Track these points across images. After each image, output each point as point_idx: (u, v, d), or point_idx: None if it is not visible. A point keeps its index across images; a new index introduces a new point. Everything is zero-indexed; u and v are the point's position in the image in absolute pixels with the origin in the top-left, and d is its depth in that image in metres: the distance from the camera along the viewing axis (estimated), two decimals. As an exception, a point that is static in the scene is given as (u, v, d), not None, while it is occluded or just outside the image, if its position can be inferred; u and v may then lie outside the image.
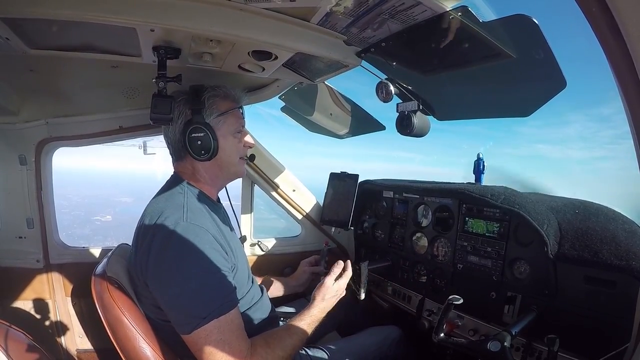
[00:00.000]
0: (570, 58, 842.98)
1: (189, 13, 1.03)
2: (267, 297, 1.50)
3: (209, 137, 1.26)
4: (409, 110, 1.36)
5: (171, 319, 1.11)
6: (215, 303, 1.08)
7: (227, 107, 1.33)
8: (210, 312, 1.06)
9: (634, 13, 0.52)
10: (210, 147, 1.26)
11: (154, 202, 1.27)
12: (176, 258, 1.10)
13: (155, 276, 1.12)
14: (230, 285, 1.15)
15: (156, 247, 1.12)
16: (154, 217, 1.17)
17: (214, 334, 1.05)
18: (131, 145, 1.94)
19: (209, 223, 1.19)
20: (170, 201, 1.23)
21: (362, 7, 0.99)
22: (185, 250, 1.10)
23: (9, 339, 1.02)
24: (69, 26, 1.04)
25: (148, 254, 1.13)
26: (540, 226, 1.24)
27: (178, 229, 1.11)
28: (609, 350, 1.01)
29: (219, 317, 1.06)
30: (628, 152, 0.66)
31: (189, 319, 1.06)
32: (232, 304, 1.12)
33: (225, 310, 1.08)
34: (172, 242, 1.10)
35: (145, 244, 1.14)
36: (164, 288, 1.11)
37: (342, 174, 2.17)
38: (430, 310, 1.68)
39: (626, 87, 0.60)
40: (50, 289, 1.83)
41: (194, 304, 1.07)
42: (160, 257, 1.11)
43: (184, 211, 1.17)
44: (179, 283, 1.08)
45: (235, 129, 1.35)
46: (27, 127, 1.72)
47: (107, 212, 24.62)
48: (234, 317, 1.11)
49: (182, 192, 1.26)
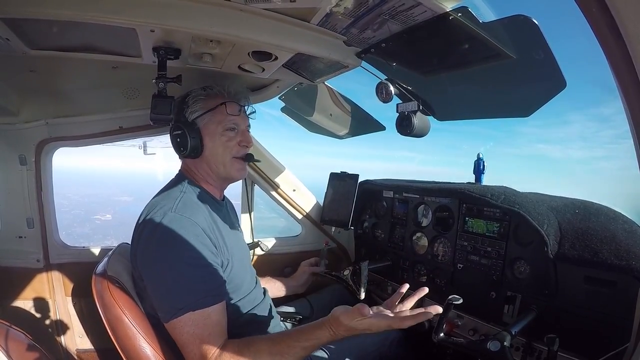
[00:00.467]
0: (571, 58, 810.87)
1: (189, 13, 1.03)
2: (270, 299, 1.50)
3: (185, 135, 1.27)
4: (409, 110, 1.36)
5: (156, 307, 1.14)
6: (193, 296, 1.08)
7: (213, 104, 1.32)
8: (186, 304, 1.06)
9: (634, 13, 0.52)
10: (188, 145, 1.27)
11: (154, 199, 1.28)
12: (160, 247, 1.13)
13: (142, 264, 1.16)
14: (215, 281, 1.15)
15: (144, 237, 1.16)
16: (149, 212, 1.20)
17: (187, 326, 1.06)
18: (131, 146, 1.95)
19: (200, 217, 1.20)
20: (167, 196, 1.25)
21: (362, 7, 0.99)
22: (169, 240, 1.12)
23: (8, 339, 1.02)
24: (69, 27, 1.05)
25: (137, 244, 1.17)
26: (540, 226, 1.24)
27: (165, 220, 1.14)
28: (609, 350, 1.01)
29: (194, 310, 1.06)
30: (628, 151, 0.66)
31: (167, 307, 1.09)
32: (213, 299, 1.11)
33: (203, 305, 1.08)
34: (157, 232, 1.13)
35: (137, 236, 1.19)
36: (148, 276, 1.14)
37: (342, 173, 2.18)
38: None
39: (626, 87, 0.60)
40: (50, 289, 1.83)
41: (172, 294, 1.09)
42: (146, 245, 1.15)
43: (175, 203, 1.19)
44: (161, 272, 1.11)
45: (223, 127, 1.32)
46: (27, 127, 1.72)
47: (107, 211, 24.62)
48: (212, 313, 1.09)
49: (181, 189, 1.28)
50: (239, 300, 1.30)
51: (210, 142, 1.31)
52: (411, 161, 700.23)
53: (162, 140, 1.38)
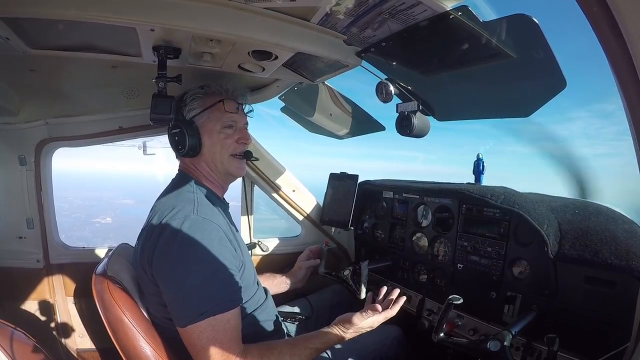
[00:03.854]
0: (573, 55, 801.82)
1: (189, 13, 1.03)
2: (271, 299, 1.50)
3: (184, 134, 1.27)
4: (408, 110, 1.36)
5: (170, 311, 1.11)
6: (214, 301, 1.07)
7: (211, 102, 1.32)
8: (207, 309, 1.05)
9: (634, 13, 0.52)
10: (186, 144, 1.27)
11: (165, 199, 1.26)
12: (182, 251, 1.10)
13: (160, 268, 1.12)
14: (234, 285, 1.14)
15: (164, 239, 1.12)
16: (164, 212, 1.17)
17: (207, 331, 1.05)
18: (131, 146, 1.95)
19: (220, 219, 1.20)
20: (181, 196, 1.23)
21: (362, 6, 0.99)
22: (192, 243, 1.10)
23: (9, 339, 1.02)
24: (69, 26, 1.05)
25: (155, 246, 1.13)
26: (540, 226, 1.24)
27: (187, 222, 1.11)
28: (609, 350, 1.01)
29: (215, 315, 1.05)
30: (632, 148, 0.66)
31: (185, 312, 1.07)
32: (232, 304, 1.11)
33: (223, 309, 1.07)
34: (179, 235, 1.10)
35: (154, 237, 1.14)
36: (167, 280, 1.11)
37: (342, 174, 2.18)
38: (430, 310, 1.68)
39: (626, 87, 0.60)
40: (50, 289, 1.83)
41: (193, 299, 1.07)
42: (166, 248, 1.11)
43: (195, 205, 1.17)
44: (182, 276, 1.08)
45: (222, 124, 1.31)
46: (26, 127, 1.72)
47: (108, 214, 24.61)
48: (232, 318, 1.09)
49: (191, 190, 1.26)
50: (247, 301, 1.29)
51: (209, 140, 1.30)
52: (414, 160, 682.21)
53: (162, 140, 1.37)
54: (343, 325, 1.24)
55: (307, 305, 1.83)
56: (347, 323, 1.23)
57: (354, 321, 1.23)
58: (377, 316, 1.26)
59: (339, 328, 1.24)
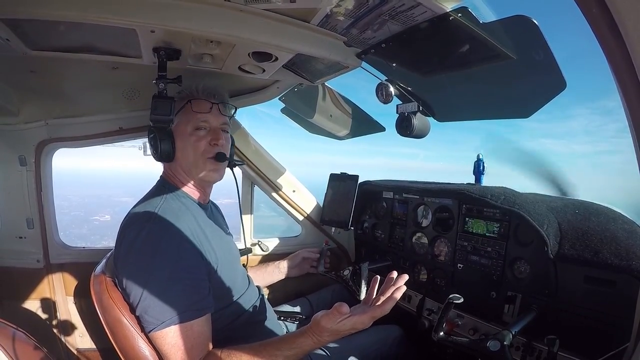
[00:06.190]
0: (573, 54, 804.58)
1: (189, 14, 1.03)
2: (265, 299, 1.49)
3: (156, 138, 1.24)
4: (408, 111, 1.36)
5: (137, 316, 1.11)
6: (175, 310, 1.05)
7: (181, 104, 1.29)
8: (168, 318, 1.05)
9: (634, 13, 0.52)
10: (159, 148, 1.24)
11: (135, 208, 1.24)
12: (139, 260, 1.10)
13: (122, 278, 1.12)
14: (197, 294, 1.11)
15: (124, 249, 1.13)
16: (127, 222, 1.18)
17: (169, 337, 1.05)
18: (131, 146, 1.95)
19: (183, 224, 1.16)
20: (148, 204, 1.21)
21: (362, 8, 0.99)
22: (148, 253, 1.09)
23: (9, 339, 1.02)
24: (70, 27, 1.05)
25: (117, 257, 1.15)
26: (540, 226, 1.24)
27: (144, 232, 1.11)
28: (609, 350, 1.01)
29: (177, 324, 1.05)
30: (632, 148, 0.66)
31: (147, 319, 1.07)
32: (195, 313, 1.08)
33: (187, 318, 1.06)
34: (136, 244, 1.10)
35: (116, 247, 1.17)
36: (128, 289, 1.11)
37: (342, 174, 2.18)
38: (430, 310, 1.68)
39: (626, 87, 0.60)
40: (50, 289, 1.83)
41: (155, 307, 1.06)
42: (125, 257, 1.12)
43: (154, 213, 1.15)
44: (141, 285, 1.07)
45: (192, 126, 1.27)
46: (27, 127, 1.72)
47: (107, 212, 24.56)
48: (195, 325, 1.08)
49: (161, 196, 1.23)
50: (233, 302, 1.28)
51: (181, 144, 1.26)
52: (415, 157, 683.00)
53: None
54: (316, 328, 1.05)
55: (307, 305, 1.84)
56: (317, 326, 1.05)
57: (322, 324, 1.03)
58: (358, 317, 1.04)
59: (312, 332, 1.06)
